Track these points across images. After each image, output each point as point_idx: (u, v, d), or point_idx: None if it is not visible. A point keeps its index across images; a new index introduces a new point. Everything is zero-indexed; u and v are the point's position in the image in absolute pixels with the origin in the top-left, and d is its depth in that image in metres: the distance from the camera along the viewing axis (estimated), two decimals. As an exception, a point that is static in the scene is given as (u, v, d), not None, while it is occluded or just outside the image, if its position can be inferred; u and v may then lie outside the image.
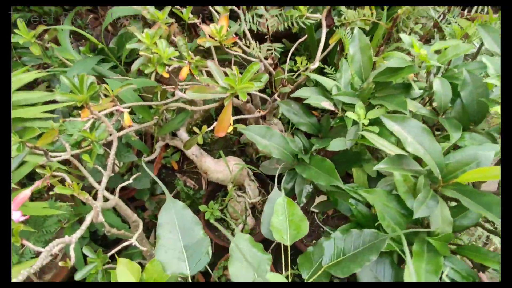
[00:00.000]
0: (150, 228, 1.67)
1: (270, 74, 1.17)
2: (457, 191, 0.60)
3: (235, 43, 1.01)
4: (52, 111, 1.12)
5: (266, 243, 0.65)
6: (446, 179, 0.62)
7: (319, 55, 0.85)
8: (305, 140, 0.90)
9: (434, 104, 0.91)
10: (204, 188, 1.72)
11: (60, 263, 0.59)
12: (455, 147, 0.77)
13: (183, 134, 1.29)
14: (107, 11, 1.57)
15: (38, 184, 0.65)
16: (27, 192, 0.63)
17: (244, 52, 1.07)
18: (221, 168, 1.34)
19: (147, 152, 1.34)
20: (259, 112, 1.21)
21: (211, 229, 1.45)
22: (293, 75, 1.25)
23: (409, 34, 1.30)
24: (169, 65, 0.89)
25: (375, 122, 0.73)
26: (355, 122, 0.77)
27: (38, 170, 0.66)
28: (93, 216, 0.70)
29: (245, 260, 0.63)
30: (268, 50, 1.07)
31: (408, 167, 0.64)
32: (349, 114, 0.69)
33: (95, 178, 0.84)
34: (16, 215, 0.60)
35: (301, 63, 1.40)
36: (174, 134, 1.38)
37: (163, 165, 1.71)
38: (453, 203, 0.77)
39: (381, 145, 0.63)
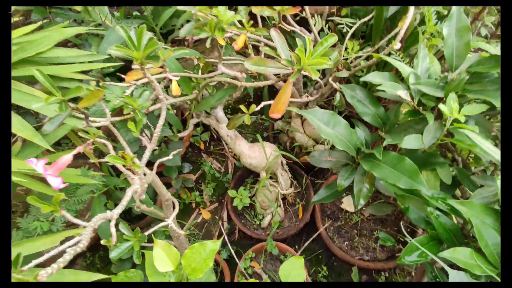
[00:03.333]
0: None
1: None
2: None
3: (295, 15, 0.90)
4: (86, 72, 1.05)
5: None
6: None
7: (401, 34, 0.74)
8: (368, 133, 0.80)
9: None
10: (230, 171, 1.64)
11: (103, 242, 0.53)
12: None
13: (219, 112, 1.20)
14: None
15: (80, 149, 0.57)
16: (68, 157, 0.56)
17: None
18: (255, 154, 1.26)
19: (180, 128, 1.26)
20: (307, 96, 1.11)
21: (237, 216, 1.37)
22: (346, 60, 1.14)
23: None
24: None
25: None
26: (436, 118, 0.67)
27: (81, 134, 0.59)
28: (137, 192, 0.62)
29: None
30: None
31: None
32: (441, 106, 0.58)
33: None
34: (56, 182, 0.52)
35: (352, 49, 1.29)
36: (207, 113, 1.30)
37: (189, 143, 1.64)
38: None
39: (483, 148, 0.53)
